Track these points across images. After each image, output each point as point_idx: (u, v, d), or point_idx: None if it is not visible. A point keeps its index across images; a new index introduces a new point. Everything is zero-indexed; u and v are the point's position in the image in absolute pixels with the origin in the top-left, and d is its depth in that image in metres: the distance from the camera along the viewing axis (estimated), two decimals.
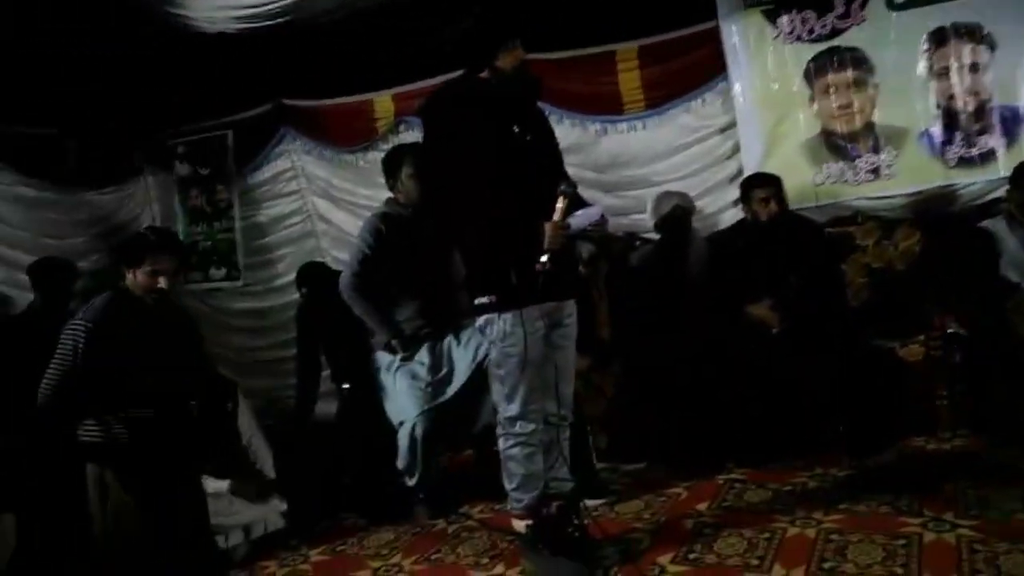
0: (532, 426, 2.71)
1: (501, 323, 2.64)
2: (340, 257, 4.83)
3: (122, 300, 2.80)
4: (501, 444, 2.78)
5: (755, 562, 2.60)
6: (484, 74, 2.65)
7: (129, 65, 5.48)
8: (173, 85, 5.47)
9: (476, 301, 2.70)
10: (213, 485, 3.57)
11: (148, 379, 2.80)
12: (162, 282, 2.80)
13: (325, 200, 5.27)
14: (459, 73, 2.77)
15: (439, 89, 2.78)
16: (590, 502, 3.05)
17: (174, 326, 3.02)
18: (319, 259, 4.89)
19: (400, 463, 3.47)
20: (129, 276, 2.81)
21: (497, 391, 2.76)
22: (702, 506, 3.15)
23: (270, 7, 4.26)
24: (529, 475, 2.74)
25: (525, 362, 2.63)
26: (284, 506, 3.76)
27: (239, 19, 4.39)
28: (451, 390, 3.40)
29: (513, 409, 2.70)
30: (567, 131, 4.52)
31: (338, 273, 4.15)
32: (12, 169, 4.91)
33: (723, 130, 4.39)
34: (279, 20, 4.33)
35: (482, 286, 2.68)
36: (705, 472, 3.48)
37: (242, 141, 5.40)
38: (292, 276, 4.86)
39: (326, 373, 4.75)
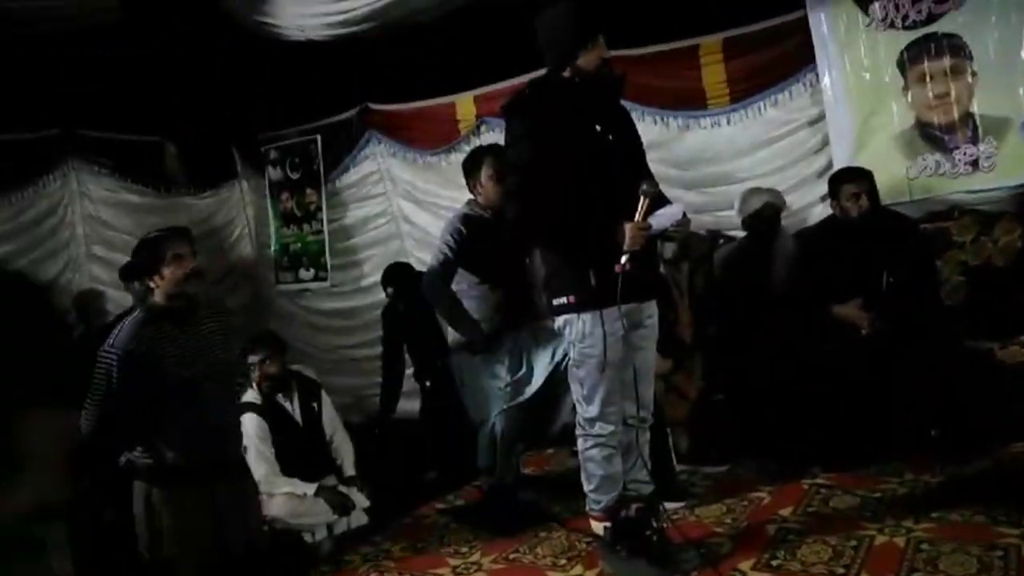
0: (611, 427, 2.69)
1: (580, 324, 2.63)
2: (423, 258, 4.91)
3: (150, 318, 2.71)
4: (580, 445, 2.77)
5: (841, 571, 2.52)
6: (566, 73, 2.64)
7: (223, 73, 5.74)
8: (264, 92, 5.69)
9: (554, 301, 2.70)
10: (301, 487, 3.71)
11: (188, 392, 2.71)
12: (191, 264, 2.71)
13: (409, 202, 5.36)
14: (541, 72, 2.78)
15: (521, 89, 2.76)
16: (669, 505, 3.02)
17: (209, 331, 2.83)
18: (404, 260, 4.98)
19: (480, 461, 3.51)
20: (156, 284, 2.72)
21: (576, 392, 2.75)
22: (786, 511, 3.06)
23: (357, 13, 4.37)
24: (608, 476, 2.72)
25: (604, 363, 2.62)
26: (367, 502, 3.87)
27: (328, 26, 4.53)
28: (530, 390, 3.41)
29: (592, 410, 2.69)
30: (648, 127, 4.45)
31: (422, 274, 4.24)
32: (116, 175, 5.19)
33: (811, 123, 4.25)
34: (365, 26, 4.44)
35: (561, 286, 2.67)
36: (789, 476, 3.38)
37: (330, 145, 5.55)
38: (378, 276, 4.98)
39: (410, 371, 4.87)
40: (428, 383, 4.48)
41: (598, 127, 2.62)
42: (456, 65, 5.00)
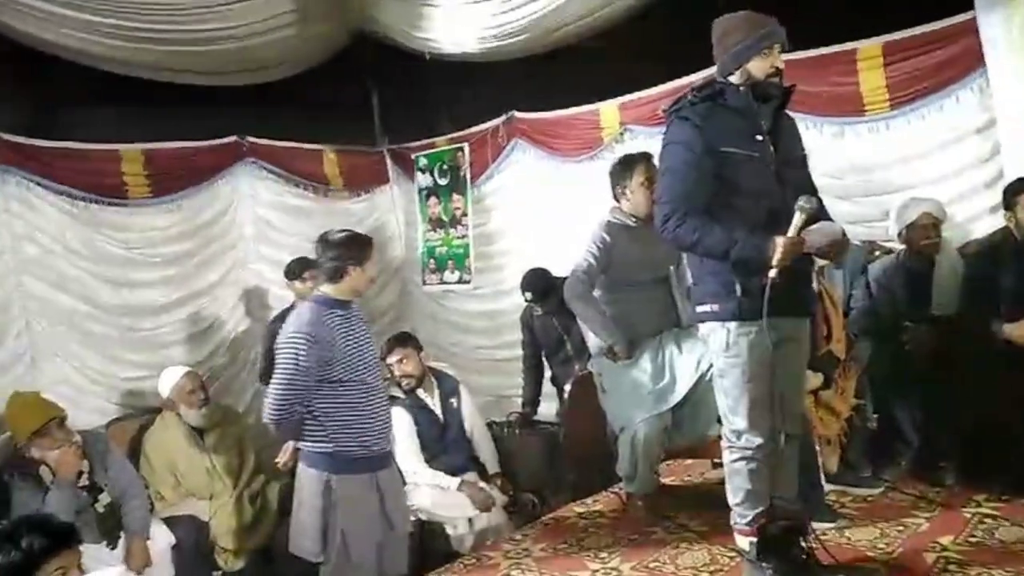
0: (758, 440, 2.65)
1: (724, 333, 2.59)
2: (563, 264, 4.96)
3: (325, 309, 2.94)
4: (726, 457, 2.74)
5: None
6: (735, 78, 2.59)
7: (379, 86, 6.06)
8: (416, 102, 5.96)
9: (699, 309, 2.67)
10: (444, 480, 3.86)
11: (360, 383, 2.97)
12: (373, 272, 3.05)
13: (550, 208, 5.44)
14: (706, 75, 2.76)
15: (686, 92, 2.70)
16: (817, 525, 2.93)
17: (366, 327, 3.13)
18: (542, 265, 5.05)
19: (620, 469, 3.52)
20: (349, 275, 2.96)
21: (722, 403, 2.72)
22: (946, 540, 2.90)
23: (511, 27, 4.51)
24: (754, 491, 2.68)
25: (749, 375, 2.58)
26: (507, 500, 3.97)
27: (482, 40, 4.69)
28: (673, 398, 3.39)
29: (738, 422, 2.66)
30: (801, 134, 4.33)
31: (561, 280, 4.30)
32: (282, 180, 5.55)
33: (980, 131, 3.99)
34: (518, 39, 4.57)
35: (706, 294, 2.64)
36: (950, 503, 3.21)
37: (477, 152, 5.71)
38: (517, 280, 5.08)
39: (549, 374, 4.95)
40: (567, 387, 4.53)
41: (759, 137, 2.57)
42: (601, 73, 5.04)
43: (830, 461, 3.46)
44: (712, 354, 2.71)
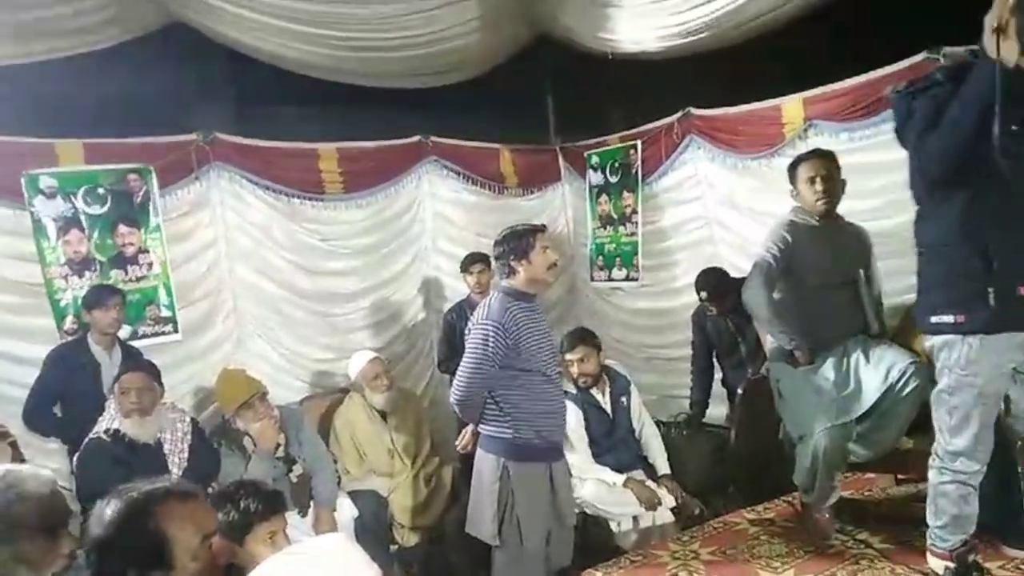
0: (976, 466, 2.48)
1: (964, 348, 2.39)
2: (738, 264, 4.86)
3: (511, 298, 3.07)
4: (933, 477, 2.59)
5: None
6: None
7: (554, 85, 6.17)
8: (591, 100, 6.01)
9: (933, 319, 2.46)
10: (611, 476, 3.89)
11: (540, 375, 3.09)
12: (555, 257, 3.11)
13: (726, 207, 5.32)
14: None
15: (931, 71, 2.54)
16: (1014, 552, 2.72)
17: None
18: (717, 265, 4.96)
19: (797, 478, 3.41)
20: (521, 269, 3.06)
21: (942, 421, 2.54)
22: None
23: (692, 25, 4.46)
24: (961, 516, 2.51)
25: (984, 396, 2.39)
26: (673, 501, 3.94)
27: (662, 38, 4.67)
28: (859, 408, 3.23)
29: (959, 444, 2.48)
30: None
31: (737, 280, 4.20)
32: (461, 177, 5.78)
33: None
34: (699, 36, 4.52)
35: (946, 302, 2.42)
36: None
37: (650, 150, 5.69)
38: (689, 279, 5.02)
39: (719, 376, 4.85)
40: (739, 390, 4.43)
41: (1014, 127, 2.27)
42: (784, 67, 4.87)
43: None
44: (942, 368, 2.50)
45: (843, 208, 3.53)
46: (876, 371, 3.24)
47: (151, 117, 4.60)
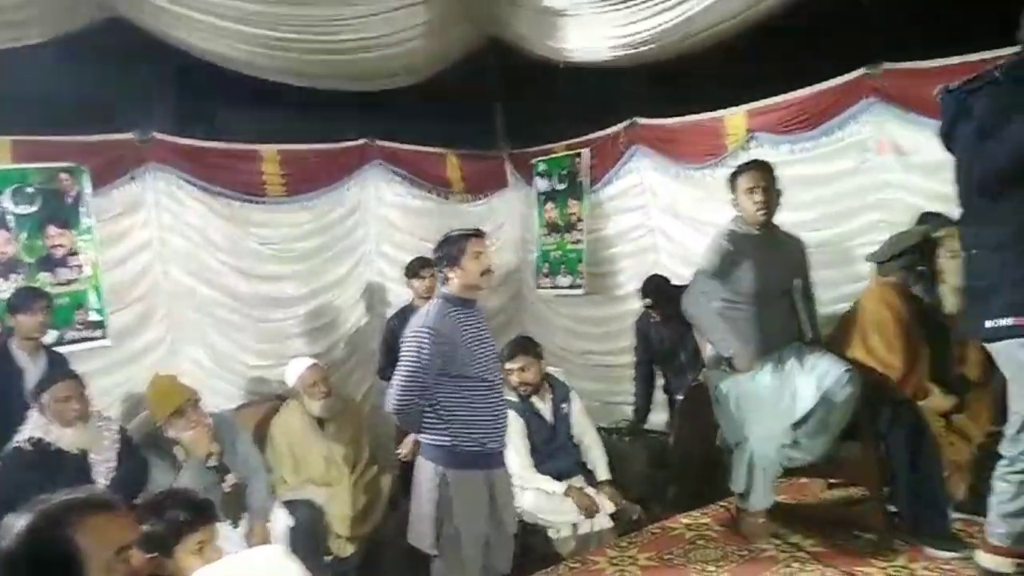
0: None
1: None
2: (680, 272, 4.91)
3: (448, 305, 3.02)
4: (1006, 475, 2.54)
5: None
6: None
7: (503, 91, 6.18)
8: (538, 108, 6.02)
9: (1001, 321, 2.30)
10: (551, 485, 3.88)
11: (480, 380, 3.04)
12: (488, 262, 3.06)
13: (669, 215, 5.39)
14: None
15: (990, 68, 2.45)
16: (943, 554, 2.78)
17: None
18: (660, 272, 5.01)
19: (733, 484, 3.45)
20: (455, 276, 3.02)
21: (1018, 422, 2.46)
22: None
23: (642, 36, 4.52)
24: None
25: None
26: (612, 508, 3.95)
27: (613, 48, 4.72)
28: (794, 415, 3.29)
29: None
30: (936, 144, 4.13)
31: (679, 288, 4.25)
32: (407, 181, 5.73)
33: None
34: (646, 47, 4.58)
35: (1006, 305, 2.29)
36: None
37: (596, 158, 5.73)
38: (632, 287, 5.06)
39: (661, 382, 4.90)
40: (679, 397, 4.48)
41: None
42: (728, 80, 4.94)
43: (958, 488, 3.28)
44: (1016, 373, 2.40)
45: (782, 219, 3.60)
46: (811, 378, 3.31)
47: (86, 115, 4.45)
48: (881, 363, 3.30)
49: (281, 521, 3.87)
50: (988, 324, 2.30)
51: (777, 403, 3.32)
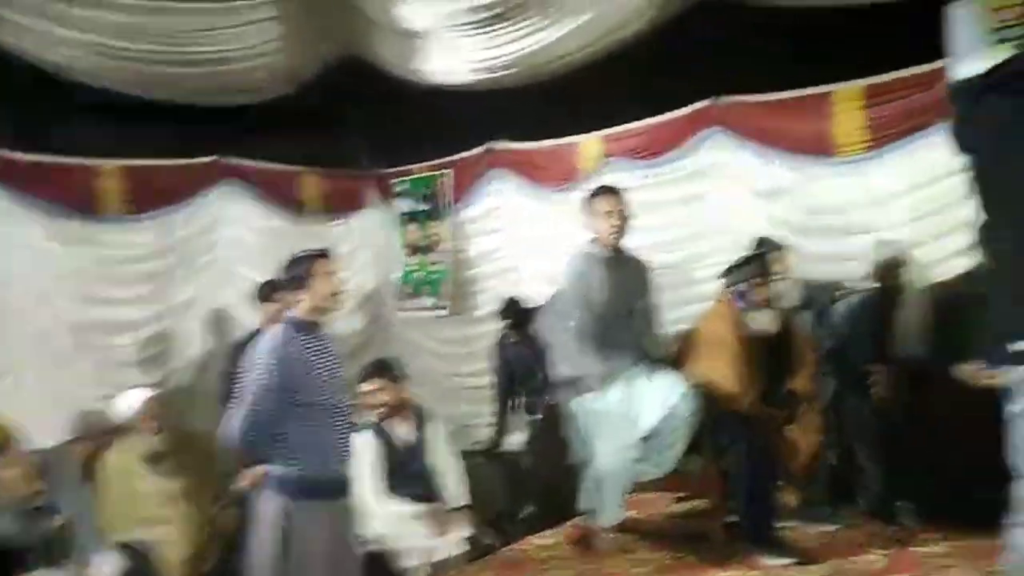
0: None
1: None
2: (538, 293, 4.96)
3: (295, 329, 2.89)
4: None
5: None
6: None
7: (361, 110, 6.08)
8: (398, 129, 5.97)
9: (1012, 347, 1.90)
10: (404, 508, 3.79)
11: (327, 406, 2.92)
12: (337, 283, 2.96)
13: (528, 237, 5.45)
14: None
15: (1002, 62, 2.13)
16: (772, 560, 2.91)
17: (334, 349, 3.06)
18: (518, 294, 5.05)
19: (583, 501, 3.48)
20: (302, 298, 2.90)
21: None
22: None
23: (502, 60, 4.58)
24: None
25: None
26: (468, 531, 3.90)
27: (474, 71, 4.76)
28: (640, 431, 3.37)
29: None
30: (776, 172, 4.45)
31: (536, 309, 4.30)
32: (260, 201, 5.54)
33: (951, 174, 4.02)
34: (507, 72, 4.63)
35: None
36: (905, 541, 3.23)
37: (457, 180, 5.73)
38: (493, 307, 5.07)
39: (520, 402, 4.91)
40: (538, 416, 4.50)
41: None
42: (585, 106, 5.07)
43: (789, 496, 3.45)
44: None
45: (633, 242, 3.70)
46: (656, 395, 3.40)
47: None
48: (721, 379, 3.44)
49: (109, 564, 3.59)
50: (1012, 348, 1.91)
51: (624, 419, 3.39)
